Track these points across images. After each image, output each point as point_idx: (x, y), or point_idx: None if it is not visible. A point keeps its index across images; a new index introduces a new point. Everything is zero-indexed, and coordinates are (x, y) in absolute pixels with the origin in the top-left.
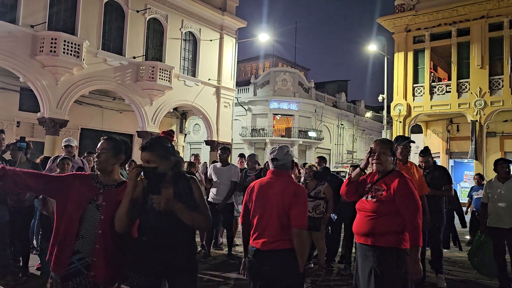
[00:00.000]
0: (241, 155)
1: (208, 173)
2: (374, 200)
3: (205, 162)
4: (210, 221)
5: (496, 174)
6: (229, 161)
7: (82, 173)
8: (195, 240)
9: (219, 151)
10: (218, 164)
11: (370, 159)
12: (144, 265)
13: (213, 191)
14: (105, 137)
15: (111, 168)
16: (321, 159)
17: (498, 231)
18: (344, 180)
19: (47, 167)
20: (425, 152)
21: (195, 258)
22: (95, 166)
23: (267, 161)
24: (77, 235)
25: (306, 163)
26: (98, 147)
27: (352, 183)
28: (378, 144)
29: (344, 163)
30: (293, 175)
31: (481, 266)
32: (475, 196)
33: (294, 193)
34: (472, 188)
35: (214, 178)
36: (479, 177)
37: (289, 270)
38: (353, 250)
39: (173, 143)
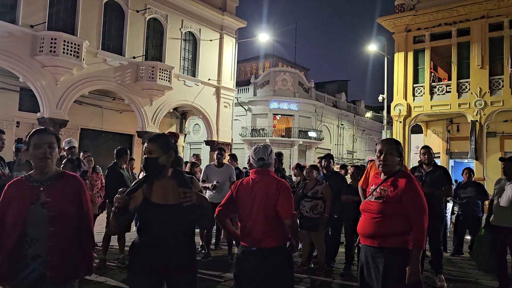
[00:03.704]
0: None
1: (201, 174)
2: (380, 201)
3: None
4: (214, 218)
5: (503, 172)
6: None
7: (14, 179)
8: (194, 240)
9: (216, 152)
10: (213, 165)
11: (376, 159)
12: (144, 266)
13: (210, 191)
14: (42, 130)
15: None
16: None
17: (500, 230)
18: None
19: None
20: (427, 147)
21: (195, 258)
22: (42, 164)
23: (248, 161)
24: (28, 240)
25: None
26: (43, 145)
27: None
28: (385, 144)
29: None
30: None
31: (479, 258)
32: (462, 195)
33: (276, 188)
34: (459, 184)
35: (210, 179)
36: (469, 171)
37: (278, 267)
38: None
39: (176, 143)
